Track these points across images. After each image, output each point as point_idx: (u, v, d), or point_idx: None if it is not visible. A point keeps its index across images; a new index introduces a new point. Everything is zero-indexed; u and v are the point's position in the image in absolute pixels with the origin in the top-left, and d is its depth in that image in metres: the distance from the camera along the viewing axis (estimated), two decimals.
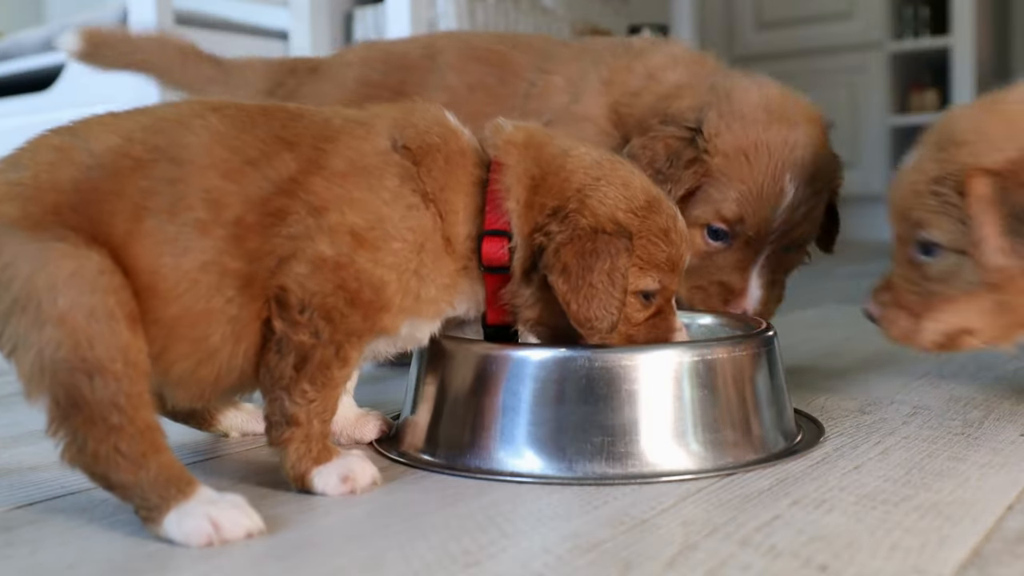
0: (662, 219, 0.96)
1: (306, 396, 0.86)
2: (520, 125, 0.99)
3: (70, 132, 0.86)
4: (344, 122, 0.92)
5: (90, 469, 0.78)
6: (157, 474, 0.77)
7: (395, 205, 0.88)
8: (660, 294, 0.98)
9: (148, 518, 0.78)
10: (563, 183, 0.94)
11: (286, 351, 0.85)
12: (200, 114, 0.88)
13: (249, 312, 0.85)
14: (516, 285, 0.94)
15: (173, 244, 0.82)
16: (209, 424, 1.13)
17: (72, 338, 0.75)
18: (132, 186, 0.82)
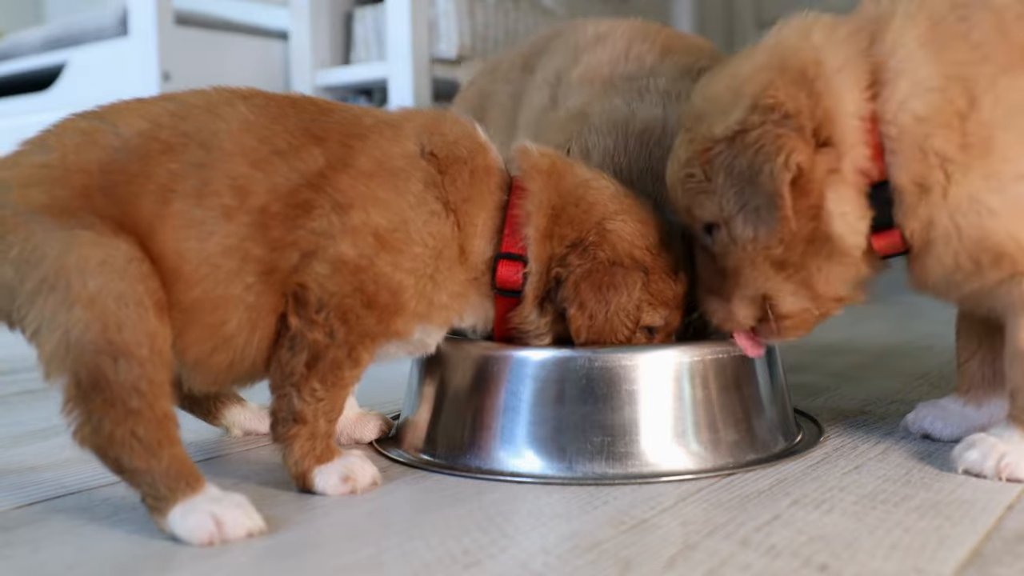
0: (672, 258, 0.98)
1: (315, 394, 0.86)
2: (546, 151, 0.99)
3: (97, 116, 0.86)
4: (375, 122, 0.92)
5: (103, 451, 0.77)
6: (169, 465, 0.77)
7: (419, 209, 0.89)
8: (663, 329, 0.99)
9: (154, 508, 0.78)
10: (583, 215, 0.95)
11: (299, 348, 0.85)
12: (229, 102, 0.88)
13: (266, 302, 0.85)
14: (527, 311, 0.95)
15: (199, 228, 0.82)
16: (213, 416, 1.13)
17: (101, 320, 0.76)
18: (161, 168, 0.83)
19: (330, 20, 2.46)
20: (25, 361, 1.34)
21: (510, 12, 2.45)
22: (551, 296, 0.94)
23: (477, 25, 2.34)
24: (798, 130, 0.85)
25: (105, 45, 2.45)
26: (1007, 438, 0.92)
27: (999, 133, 0.82)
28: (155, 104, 0.88)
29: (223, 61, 2.38)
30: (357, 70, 2.37)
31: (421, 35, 2.25)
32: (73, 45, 2.56)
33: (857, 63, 0.87)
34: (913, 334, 1.86)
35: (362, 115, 0.93)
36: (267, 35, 2.51)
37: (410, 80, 2.22)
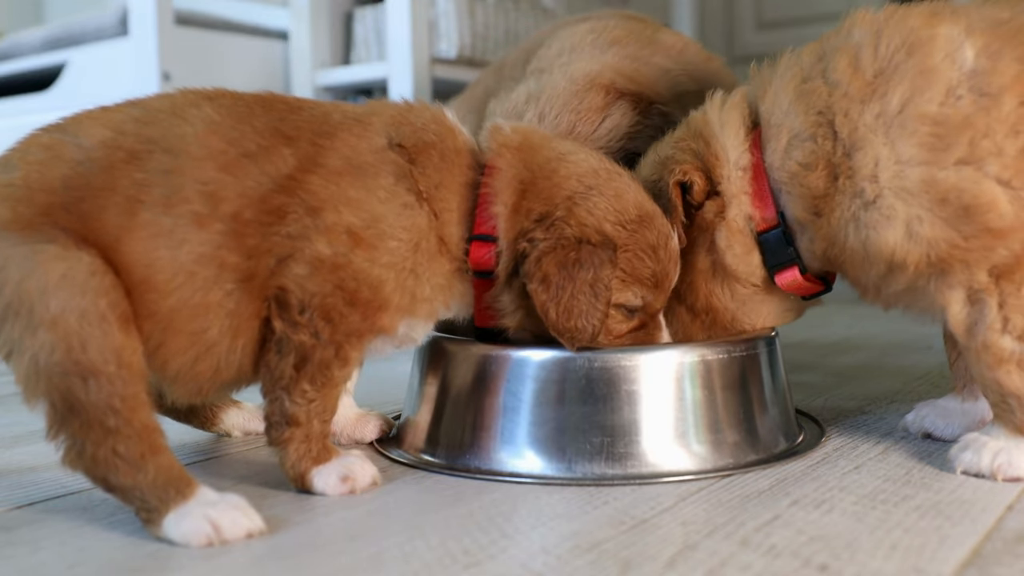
0: (652, 235, 0.95)
1: (306, 396, 0.86)
2: (519, 127, 0.98)
3: (60, 129, 0.85)
4: (343, 118, 0.92)
5: (90, 472, 0.78)
6: (155, 476, 0.77)
7: (390, 204, 0.88)
8: (643, 309, 0.97)
9: (148, 520, 0.78)
10: (553, 189, 0.93)
11: (286, 351, 0.85)
12: (195, 103, 0.87)
13: (248, 307, 0.85)
14: (499, 290, 0.94)
15: (169, 236, 0.81)
16: (211, 423, 1.13)
17: (65, 341, 0.75)
18: (126, 179, 0.82)
19: (330, 20, 2.46)
20: None
21: (510, 12, 2.45)
22: (518, 272, 0.92)
23: (477, 25, 2.34)
24: (693, 158, 1.01)
25: (105, 45, 2.45)
26: (996, 435, 0.93)
27: (858, 155, 0.91)
28: (118, 111, 0.87)
29: (223, 61, 2.38)
30: (357, 70, 2.37)
31: (421, 35, 2.25)
32: (73, 45, 2.56)
33: (738, 124, 1.01)
34: (913, 334, 1.86)
35: (331, 112, 0.92)
36: (267, 35, 2.51)
37: (410, 80, 2.22)
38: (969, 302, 0.90)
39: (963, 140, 0.86)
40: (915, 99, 0.88)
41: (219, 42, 2.38)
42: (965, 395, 1.06)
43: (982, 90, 0.87)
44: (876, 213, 0.90)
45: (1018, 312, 0.88)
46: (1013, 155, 0.86)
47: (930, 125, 0.87)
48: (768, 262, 1.01)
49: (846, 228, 0.93)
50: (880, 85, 0.90)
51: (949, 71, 0.88)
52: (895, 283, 0.94)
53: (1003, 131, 0.86)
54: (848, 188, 0.92)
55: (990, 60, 0.87)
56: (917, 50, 0.89)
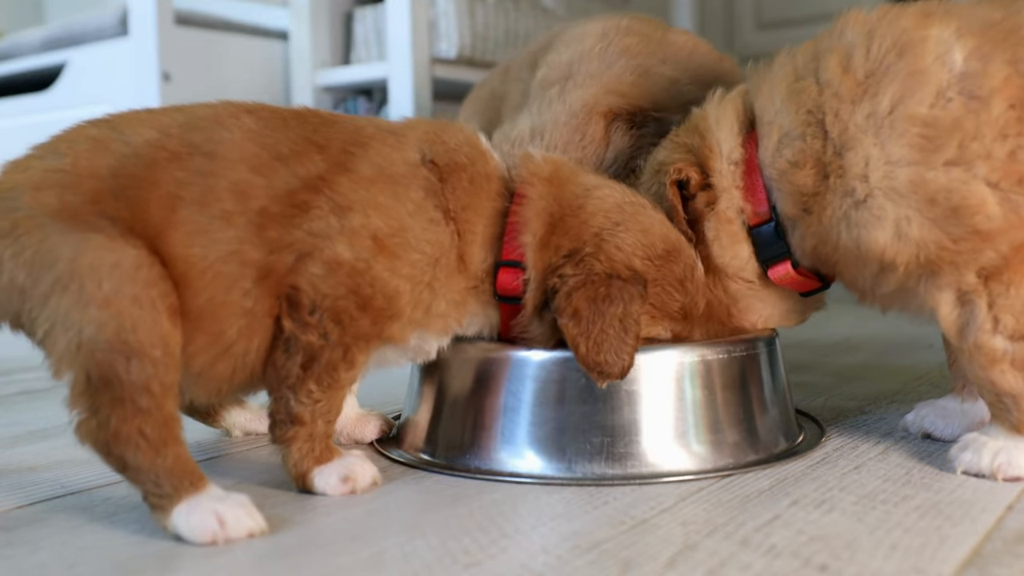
0: (679, 268, 0.96)
1: (312, 396, 0.86)
2: (550, 158, 0.99)
3: (107, 124, 0.87)
4: (376, 130, 0.93)
5: (107, 447, 0.78)
6: (173, 464, 0.78)
7: (418, 217, 0.89)
8: (672, 341, 0.98)
9: (157, 506, 0.78)
10: (581, 225, 0.94)
11: (294, 350, 0.85)
12: (235, 114, 0.89)
13: (263, 307, 0.85)
14: (527, 319, 0.95)
15: (204, 235, 0.82)
16: (213, 419, 1.13)
17: (116, 320, 0.76)
18: (168, 176, 0.83)
19: (330, 20, 2.46)
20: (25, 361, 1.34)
21: (510, 12, 2.45)
22: (547, 305, 0.93)
23: (477, 25, 2.34)
24: (686, 154, 1.03)
25: (105, 45, 2.45)
26: (995, 435, 0.93)
27: (848, 155, 0.91)
28: (164, 115, 0.88)
29: (223, 61, 2.38)
30: (357, 70, 2.37)
31: (421, 35, 2.25)
32: (73, 45, 2.56)
33: (732, 119, 1.02)
34: (913, 334, 1.86)
35: (365, 125, 0.93)
36: (267, 35, 2.51)
37: (410, 80, 2.23)
38: (959, 303, 0.91)
39: (952, 142, 0.87)
40: (905, 100, 0.89)
41: (219, 42, 2.38)
42: (965, 395, 1.06)
43: (972, 93, 0.87)
44: (866, 212, 0.91)
45: (1008, 312, 0.88)
46: (1002, 158, 0.86)
47: (920, 126, 0.88)
48: (761, 256, 1.02)
49: (838, 227, 0.94)
50: (871, 86, 0.91)
51: (939, 73, 0.88)
52: (887, 284, 0.94)
53: (992, 134, 0.86)
54: (839, 187, 0.93)
55: (980, 62, 0.88)
56: (908, 52, 0.90)
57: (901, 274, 0.92)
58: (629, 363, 0.90)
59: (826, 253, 0.97)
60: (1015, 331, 0.88)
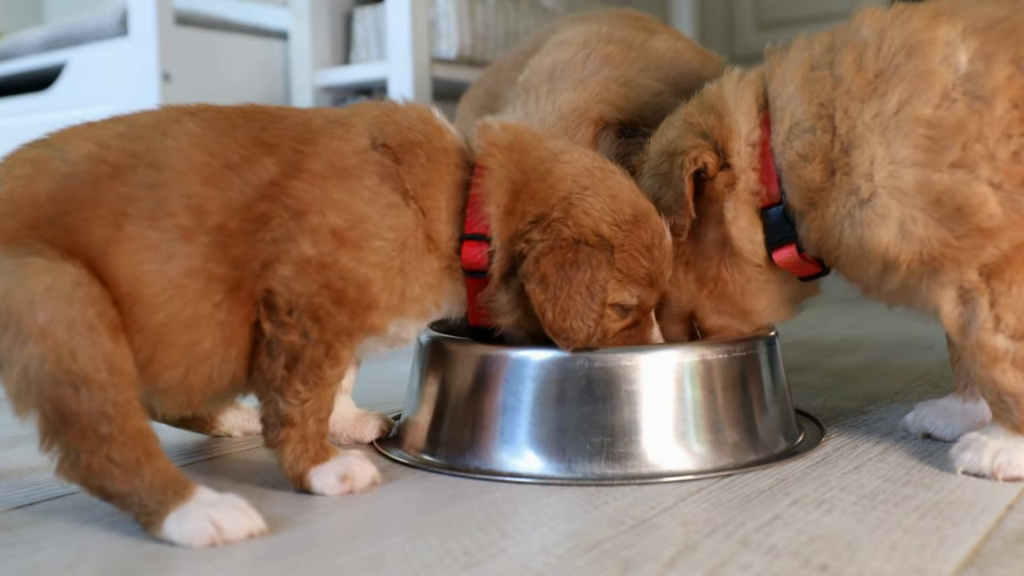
0: (646, 234, 0.95)
1: (299, 396, 0.86)
2: (509, 125, 0.98)
3: (45, 144, 0.86)
4: (324, 123, 0.92)
5: (86, 482, 0.78)
6: (152, 480, 0.77)
7: (375, 204, 0.88)
8: (637, 307, 0.98)
9: (149, 523, 0.78)
10: (548, 190, 0.93)
11: (276, 352, 0.85)
12: (177, 119, 0.87)
13: (238, 316, 0.85)
14: (493, 290, 0.94)
15: (156, 250, 0.81)
16: (210, 427, 1.13)
17: (55, 352, 0.75)
18: (111, 192, 0.82)
19: (330, 20, 2.46)
20: None
21: (510, 12, 2.45)
22: (515, 272, 0.92)
23: (477, 25, 2.34)
24: (705, 138, 1.02)
25: (105, 45, 2.45)
26: (995, 435, 0.93)
27: (855, 153, 0.92)
28: (103, 126, 0.87)
29: (223, 61, 2.38)
30: (357, 70, 2.37)
31: (421, 35, 2.25)
32: (73, 45, 2.56)
33: (751, 100, 1.02)
34: (913, 334, 1.86)
35: (312, 118, 0.92)
36: (267, 35, 2.51)
37: (410, 80, 2.22)
38: (961, 301, 0.91)
39: (957, 144, 0.88)
40: (912, 101, 0.89)
41: (219, 42, 2.38)
42: (966, 395, 1.06)
43: (976, 93, 0.88)
44: (871, 211, 0.91)
45: (1010, 311, 0.89)
46: (1005, 159, 0.87)
47: (925, 127, 0.89)
48: (768, 238, 1.02)
49: (841, 224, 0.94)
50: (880, 85, 0.91)
51: (945, 74, 0.89)
52: (890, 281, 0.94)
53: (995, 136, 0.87)
54: (844, 184, 0.93)
55: (984, 62, 0.88)
56: (916, 52, 0.91)
57: (904, 272, 0.92)
58: (595, 329, 0.90)
59: (829, 248, 0.98)
60: (1017, 330, 0.89)
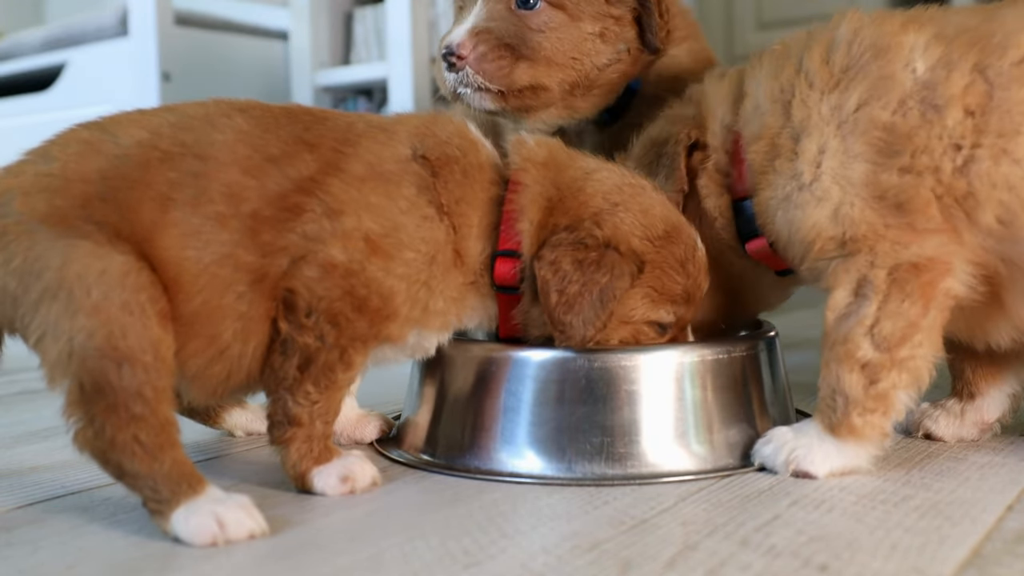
0: (679, 249, 0.95)
1: (309, 397, 0.86)
2: (543, 141, 0.98)
3: (99, 127, 0.87)
4: (367, 127, 0.92)
5: (104, 455, 0.78)
6: (171, 468, 0.78)
7: (411, 214, 0.88)
8: (675, 324, 0.98)
9: (156, 511, 0.78)
10: (580, 206, 0.93)
11: (291, 352, 0.85)
12: (227, 113, 0.88)
13: (258, 310, 0.85)
14: (526, 305, 0.94)
15: (196, 237, 0.82)
16: (215, 420, 1.13)
17: (106, 327, 0.76)
18: (159, 176, 0.83)
19: (330, 20, 2.46)
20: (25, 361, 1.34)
21: None
22: None
23: None
24: (688, 123, 1.06)
25: (105, 45, 2.45)
26: (803, 432, 0.94)
27: (805, 140, 0.94)
28: (155, 115, 0.88)
29: (223, 61, 2.38)
30: (357, 70, 2.37)
31: (421, 35, 2.25)
32: (73, 45, 2.56)
33: (728, 90, 1.05)
34: None
35: (355, 121, 0.93)
36: (267, 35, 2.51)
37: (410, 80, 2.23)
38: (855, 292, 0.91)
39: (907, 151, 0.89)
40: (871, 103, 0.91)
41: (219, 42, 2.39)
42: (963, 396, 1.06)
43: (930, 102, 0.89)
44: (808, 194, 0.93)
45: (891, 320, 0.89)
46: (948, 172, 0.88)
47: (881, 131, 0.90)
48: (740, 229, 1.04)
49: (775, 210, 0.96)
50: (843, 80, 0.93)
51: (905, 80, 0.91)
52: (818, 266, 0.95)
53: (941, 148, 0.88)
54: (785, 169, 0.95)
55: (945, 70, 0.89)
56: (882, 55, 0.92)
57: (815, 252, 0.93)
58: (592, 336, 0.90)
59: (767, 232, 1.00)
60: (885, 340, 0.89)
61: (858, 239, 0.90)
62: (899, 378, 0.90)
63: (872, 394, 0.90)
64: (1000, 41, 0.89)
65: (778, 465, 0.93)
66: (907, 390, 0.90)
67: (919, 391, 0.92)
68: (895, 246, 0.89)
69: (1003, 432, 1.08)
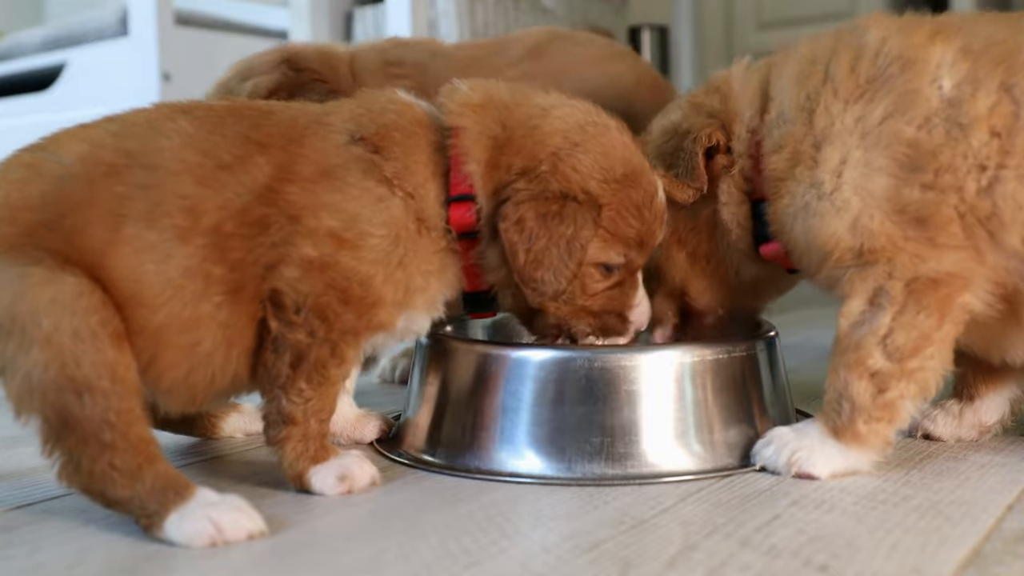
0: (637, 193, 0.94)
1: (303, 395, 0.86)
2: (479, 84, 0.97)
3: (39, 147, 0.86)
4: (308, 122, 0.91)
5: (87, 488, 0.78)
6: (153, 482, 0.77)
7: (362, 200, 0.88)
8: (624, 267, 0.96)
9: (149, 525, 0.78)
10: (535, 145, 0.92)
11: (282, 350, 0.85)
12: (170, 117, 0.87)
13: (240, 316, 0.85)
14: (484, 246, 0.93)
15: (154, 251, 0.81)
16: (212, 431, 1.12)
17: (59, 359, 0.76)
18: (107, 192, 0.82)
19: (330, 20, 2.46)
20: None
21: (510, 12, 2.45)
22: None
23: (477, 25, 2.34)
24: (713, 119, 1.04)
25: (105, 45, 2.45)
26: (804, 433, 0.94)
27: (827, 149, 0.93)
28: (96, 127, 0.87)
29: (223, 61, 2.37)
30: None
31: (421, 35, 2.25)
32: (73, 45, 2.56)
33: (756, 88, 1.03)
34: None
35: (298, 116, 0.92)
36: (267, 35, 2.51)
37: None
38: (870, 302, 0.91)
39: (930, 168, 0.89)
40: (896, 116, 0.90)
41: (219, 42, 2.39)
42: (964, 397, 1.06)
43: (956, 120, 0.89)
44: (828, 203, 0.92)
45: (904, 331, 0.89)
46: (972, 192, 0.88)
47: (905, 146, 0.90)
48: (756, 231, 1.03)
49: (793, 218, 0.95)
50: (868, 91, 0.92)
51: (931, 97, 0.90)
52: (833, 275, 0.94)
53: (965, 168, 0.88)
54: (806, 177, 0.94)
55: (971, 87, 0.89)
56: (909, 68, 0.91)
57: (832, 263, 0.93)
58: (565, 287, 0.90)
59: (783, 241, 0.99)
60: (897, 350, 0.89)
61: (876, 250, 0.90)
62: (907, 388, 0.89)
63: (879, 403, 0.90)
64: None
65: (780, 466, 0.93)
66: (914, 400, 0.90)
67: (925, 401, 0.92)
68: (914, 259, 0.88)
69: (1003, 432, 1.08)
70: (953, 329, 0.89)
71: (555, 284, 0.89)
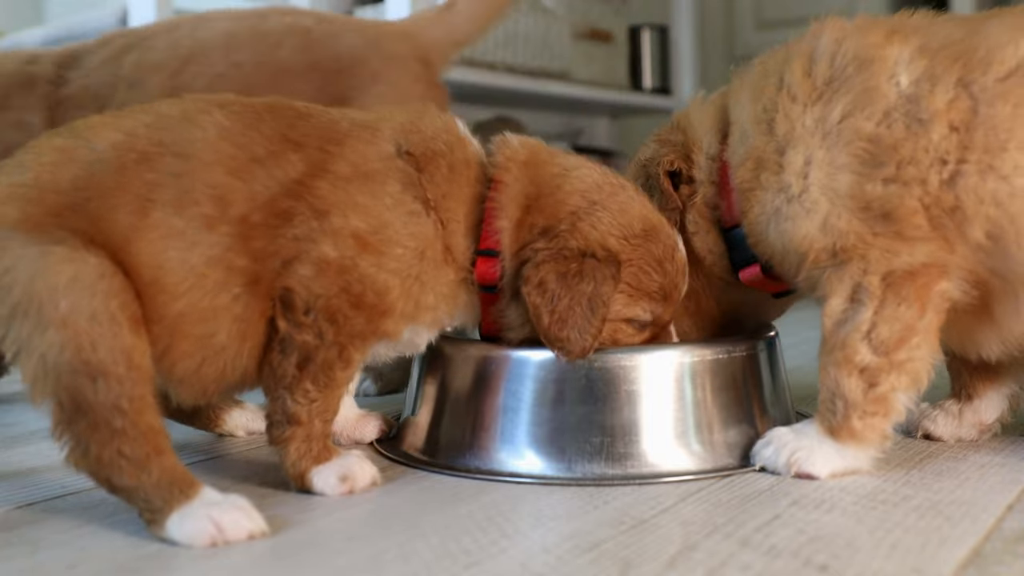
0: (658, 248, 0.95)
1: (308, 396, 0.86)
2: (528, 141, 0.98)
3: (72, 132, 0.86)
4: (351, 125, 0.92)
5: (94, 473, 0.78)
6: (159, 477, 0.77)
7: (397, 211, 0.88)
8: (653, 323, 0.97)
9: (151, 520, 0.78)
10: (557, 204, 0.93)
11: (289, 350, 0.85)
12: (206, 110, 0.88)
13: (255, 310, 0.85)
14: (504, 304, 0.94)
15: (180, 238, 0.82)
16: (215, 424, 1.13)
17: (75, 341, 0.75)
18: (137, 179, 0.82)
19: None
20: None
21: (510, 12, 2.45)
22: None
23: None
24: (675, 149, 1.06)
25: None
26: (803, 433, 0.94)
27: (791, 152, 0.94)
28: (130, 116, 0.88)
29: None
30: None
31: None
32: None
33: (712, 117, 1.05)
34: None
35: (339, 119, 0.93)
36: None
37: None
38: (850, 299, 0.91)
39: (892, 162, 0.89)
40: (855, 114, 0.91)
41: None
42: (962, 397, 1.07)
43: (915, 115, 0.89)
44: (798, 205, 0.93)
45: (887, 324, 0.89)
46: (935, 185, 0.88)
47: (865, 142, 0.90)
48: (733, 257, 1.04)
49: (766, 225, 0.96)
50: (826, 92, 0.93)
51: (889, 93, 0.91)
52: (812, 276, 0.95)
53: (927, 161, 0.88)
54: (772, 183, 0.95)
55: (929, 84, 0.89)
56: (866, 67, 0.92)
57: (809, 264, 0.93)
58: (591, 344, 0.90)
59: (760, 251, 0.99)
60: (883, 343, 0.89)
61: (848, 249, 0.90)
62: (898, 380, 0.90)
63: (871, 397, 0.90)
64: (984, 56, 0.89)
65: (779, 467, 0.93)
66: (906, 392, 0.90)
67: (918, 392, 0.92)
68: (886, 254, 0.89)
69: (1003, 432, 1.08)
70: (936, 317, 0.90)
71: (581, 342, 0.90)
